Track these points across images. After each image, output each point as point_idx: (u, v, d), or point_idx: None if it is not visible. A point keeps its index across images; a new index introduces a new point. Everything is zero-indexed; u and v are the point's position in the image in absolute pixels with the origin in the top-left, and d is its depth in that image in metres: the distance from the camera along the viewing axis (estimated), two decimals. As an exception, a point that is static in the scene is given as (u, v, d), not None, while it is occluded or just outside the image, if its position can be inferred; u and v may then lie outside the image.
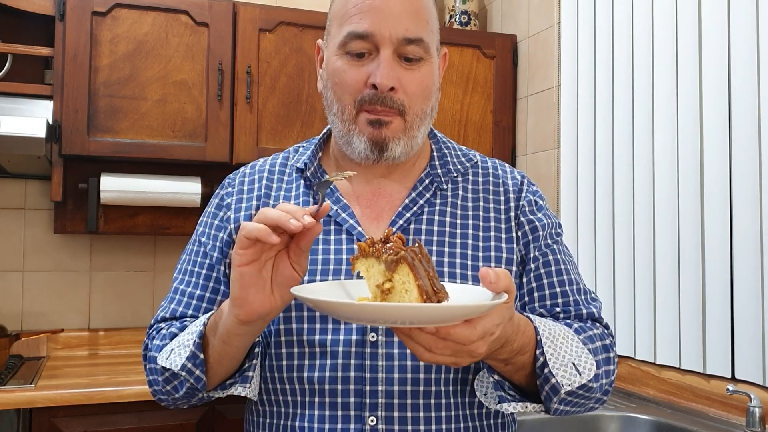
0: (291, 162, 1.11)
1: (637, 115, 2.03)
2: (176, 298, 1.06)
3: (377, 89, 0.96)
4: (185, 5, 2.29)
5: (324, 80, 1.04)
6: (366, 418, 0.95)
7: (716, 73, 1.76)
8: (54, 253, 2.50)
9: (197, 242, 1.09)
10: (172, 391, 0.98)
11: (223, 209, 1.08)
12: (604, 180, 2.15)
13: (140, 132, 2.25)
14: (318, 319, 0.98)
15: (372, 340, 0.96)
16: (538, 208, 1.09)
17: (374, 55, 0.97)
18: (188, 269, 1.08)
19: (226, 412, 2.03)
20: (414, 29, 0.97)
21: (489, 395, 0.97)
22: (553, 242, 1.08)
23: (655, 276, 1.93)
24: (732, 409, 1.72)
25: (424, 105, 1.01)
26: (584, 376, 0.95)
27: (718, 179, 1.75)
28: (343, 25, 0.98)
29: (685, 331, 1.84)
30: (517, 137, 2.69)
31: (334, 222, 1.02)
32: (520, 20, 2.69)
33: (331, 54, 1.01)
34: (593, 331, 1.03)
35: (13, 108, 2.11)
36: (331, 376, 0.96)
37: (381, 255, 0.76)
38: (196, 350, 0.92)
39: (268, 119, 2.36)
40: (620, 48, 2.10)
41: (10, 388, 1.87)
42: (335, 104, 1.01)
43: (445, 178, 1.07)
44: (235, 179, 1.11)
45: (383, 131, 0.98)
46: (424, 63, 0.99)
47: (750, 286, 1.66)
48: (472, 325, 0.74)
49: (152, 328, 1.06)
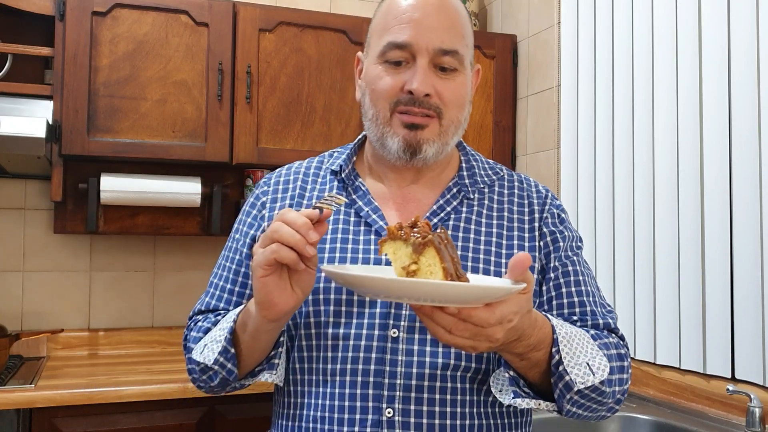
0: (326, 165, 1.16)
1: (637, 115, 2.03)
2: (211, 291, 1.14)
3: (413, 95, 1.01)
4: (185, 5, 2.29)
5: (362, 88, 1.10)
6: (383, 410, 0.99)
7: (716, 73, 1.76)
8: (54, 253, 2.50)
9: (232, 239, 1.16)
10: (208, 380, 1.05)
11: (258, 207, 1.14)
12: (604, 180, 2.15)
13: (140, 132, 2.25)
14: (343, 314, 1.02)
15: (393, 336, 1.00)
16: (560, 221, 1.14)
17: (411, 64, 1.02)
18: (223, 264, 1.15)
19: (226, 412, 2.03)
20: (450, 41, 1.02)
21: (504, 391, 0.99)
22: (573, 254, 1.12)
23: (655, 276, 1.93)
24: (732, 409, 1.72)
25: (459, 113, 1.07)
26: (597, 376, 0.97)
27: (718, 179, 1.75)
28: (383, 36, 1.04)
29: (685, 331, 1.84)
30: (517, 137, 2.69)
31: (365, 222, 1.07)
32: (520, 20, 2.69)
33: (371, 63, 1.07)
34: (609, 340, 1.05)
35: (13, 108, 2.11)
36: (352, 369, 1.01)
37: (409, 238, 0.80)
38: (228, 345, 0.99)
39: (268, 119, 2.36)
40: (620, 48, 2.10)
41: (10, 388, 1.87)
42: (371, 109, 1.06)
43: (473, 189, 1.12)
44: (271, 179, 1.17)
45: (418, 134, 1.03)
46: (458, 74, 1.05)
47: (750, 286, 1.66)
48: (492, 309, 0.79)
49: (191, 320, 1.14)
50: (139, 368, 2.20)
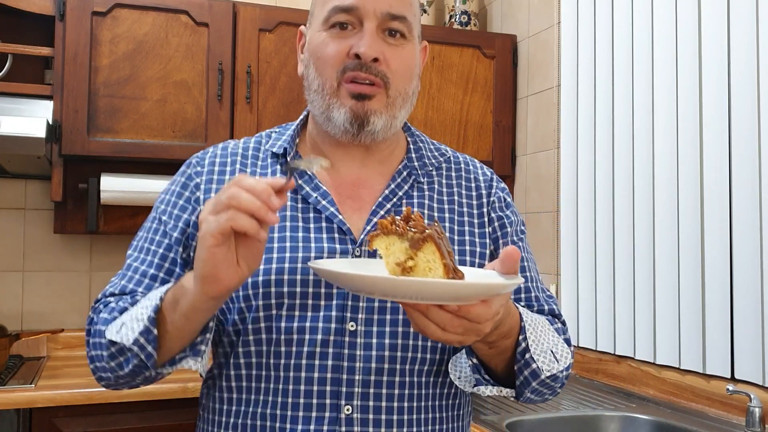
0: (265, 147, 1.08)
1: (637, 115, 2.03)
2: (128, 274, 1.01)
3: (360, 59, 0.96)
4: (185, 5, 2.29)
5: (305, 60, 1.03)
6: (342, 407, 0.95)
7: (716, 73, 1.76)
8: (54, 253, 2.50)
9: (157, 219, 1.04)
10: (117, 368, 0.93)
11: (191, 189, 1.04)
12: (604, 180, 2.15)
13: (140, 132, 2.25)
14: (297, 306, 0.96)
15: (351, 329, 0.96)
16: (506, 205, 1.11)
17: (358, 29, 0.97)
18: (145, 246, 1.03)
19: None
20: (398, 6, 0.98)
21: (463, 378, 0.98)
22: (519, 240, 1.10)
23: (655, 276, 1.93)
24: (732, 409, 1.72)
25: (407, 84, 1.01)
26: (561, 363, 0.98)
27: (717, 179, 1.75)
28: (327, 2, 0.99)
29: (685, 331, 1.84)
30: (517, 137, 2.69)
31: (314, 209, 1.01)
32: (520, 20, 2.69)
33: (315, 32, 1.01)
34: (557, 325, 1.07)
35: (13, 108, 2.11)
36: (308, 364, 0.95)
37: (405, 233, 0.75)
38: (150, 325, 0.87)
39: (268, 119, 2.36)
40: (620, 48, 2.10)
41: (10, 388, 1.87)
42: (316, 80, 1.00)
43: (422, 172, 1.07)
44: (205, 159, 1.07)
45: (365, 104, 0.97)
46: (407, 42, 1.00)
47: (750, 287, 1.66)
48: (488, 304, 0.76)
49: (99, 302, 1.01)
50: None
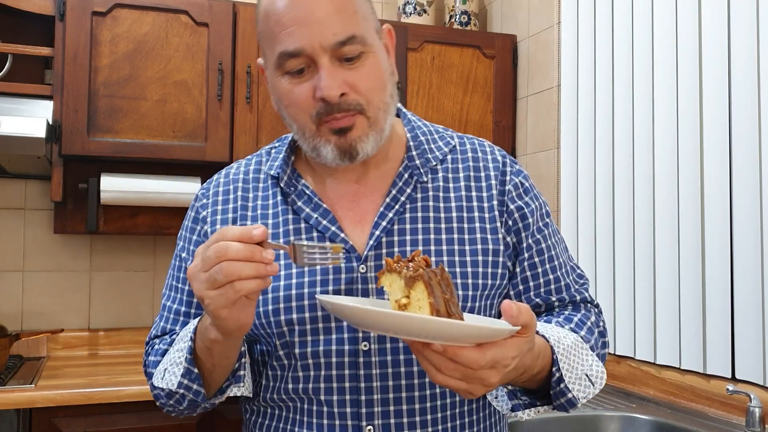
0: (264, 168, 1.07)
1: (637, 115, 2.02)
2: (164, 314, 1.08)
3: (326, 101, 0.92)
4: (185, 5, 2.29)
5: (275, 101, 1.01)
6: (363, 427, 0.95)
7: (716, 73, 1.76)
8: (54, 253, 2.50)
9: (178, 257, 1.09)
10: (176, 404, 0.99)
11: (200, 223, 1.06)
12: (604, 180, 2.15)
13: (140, 132, 2.25)
14: (309, 332, 0.97)
15: (364, 350, 0.96)
16: (524, 191, 1.06)
17: (313, 68, 0.92)
18: (173, 285, 1.09)
19: (226, 412, 2.02)
20: (342, 29, 0.91)
21: (500, 398, 0.98)
22: (544, 226, 1.06)
23: (655, 276, 1.93)
24: (732, 409, 1.71)
25: (382, 95, 0.97)
26: (597, 386, 0.98)
27: (718, 179, 1.75)
28: (274, 45, 0.93)
29: (685, 331, 1.84)
30: (517, 137, 2.68)
31: (316, 230, 0.99)
32: (520, 20, 2.69)
33: (272, 76, 0.97)
34: (590, 320, 1.05)
35: (13, 108, 2.11)
36: (326, 387, 0.96)
37: (402, 271, 0.78)
38: (190, 366, 0.93)
39: (268, 119, 2.36)
40: (620, 48, 2.10)
41: (10, 388, 1.87)
42: (294, 124, 0.98)
43: (425, 169, 1.03)
44: (209, 190, 1.08)
45: (349, 137, 0.94)
46: (366, 56, 0.94)
47: (750, 286, 1.66)
48: (482, 350, 0.74)
49: (148, 345, 1.08)
50: (139, 368, 2.20)
